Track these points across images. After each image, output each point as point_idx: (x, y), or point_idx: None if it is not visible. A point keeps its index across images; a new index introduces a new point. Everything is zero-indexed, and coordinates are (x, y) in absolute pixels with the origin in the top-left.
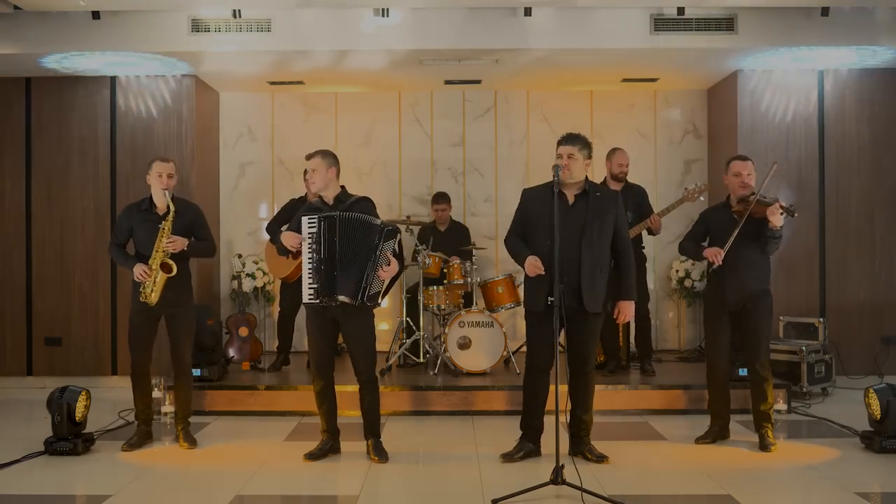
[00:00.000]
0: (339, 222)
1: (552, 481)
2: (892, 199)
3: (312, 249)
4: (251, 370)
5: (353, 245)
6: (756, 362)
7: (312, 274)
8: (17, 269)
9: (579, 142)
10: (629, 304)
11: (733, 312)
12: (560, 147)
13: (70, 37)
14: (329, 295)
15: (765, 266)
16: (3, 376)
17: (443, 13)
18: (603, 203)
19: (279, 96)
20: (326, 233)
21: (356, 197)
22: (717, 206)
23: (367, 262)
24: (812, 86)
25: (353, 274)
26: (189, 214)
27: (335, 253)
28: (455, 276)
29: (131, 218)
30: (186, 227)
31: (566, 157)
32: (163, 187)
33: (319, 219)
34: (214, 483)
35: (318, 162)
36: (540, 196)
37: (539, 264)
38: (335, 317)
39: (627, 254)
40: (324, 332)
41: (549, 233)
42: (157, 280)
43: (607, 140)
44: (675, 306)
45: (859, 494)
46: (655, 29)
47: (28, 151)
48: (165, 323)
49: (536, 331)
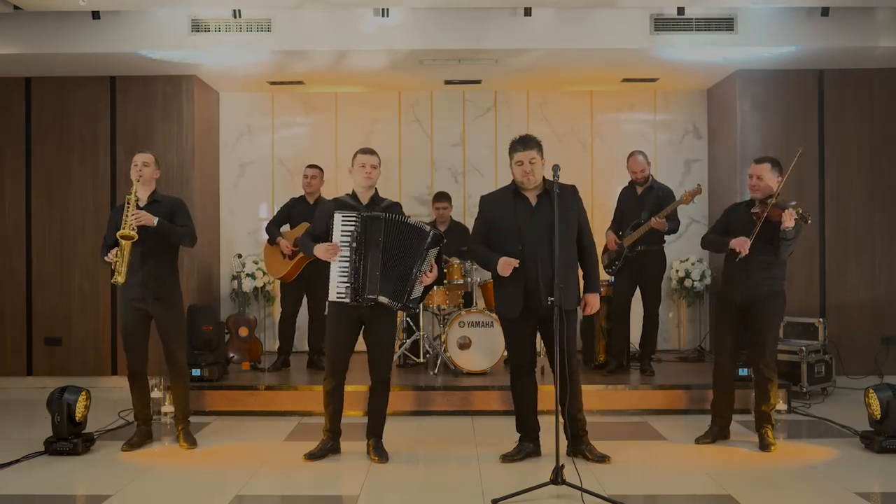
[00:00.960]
0: (385, 224)
1: (552, 481)
2: (892, 198)
3: (351, 248)
4: (251, 370)
5: (400, 248)
6: (761, 362)
7: (348, 272)
8: (17, 269)
9: (536, 144)
10: (594, 296)
11: (742, 311)
12: (521, 153)
13: (70, 37)
14: (369, 295)
15: (779, 268)
16: (3, 376)
17: (443, 13)
18: (564, 200)
19: (279, 96)
20: (370, 232)
21: (389, 201)
22: (740, 205)
23: (412, 267)
24: (812, 86)
25: (396, 276)
26: (168, 204)
27: (379, 253)
28: (455, 276)
29: (116, 216)
30: (166, 215)
31: (528, 163)
32: (136, 176)
33: (362, 217)
34: (214, 483)
35: (376, 160)
36: (500, 201)
37: (512, 260)
38: (361, 317)
39: (591, 248)
40: (347, 331)
41: (517, 236)
42: (122, 254)
43: (607, 140)
44: (675, 306)
45: (859, 494)
46: (655, 29)
47: (28, 151)
48: (156, 325)
49: (514, 335)
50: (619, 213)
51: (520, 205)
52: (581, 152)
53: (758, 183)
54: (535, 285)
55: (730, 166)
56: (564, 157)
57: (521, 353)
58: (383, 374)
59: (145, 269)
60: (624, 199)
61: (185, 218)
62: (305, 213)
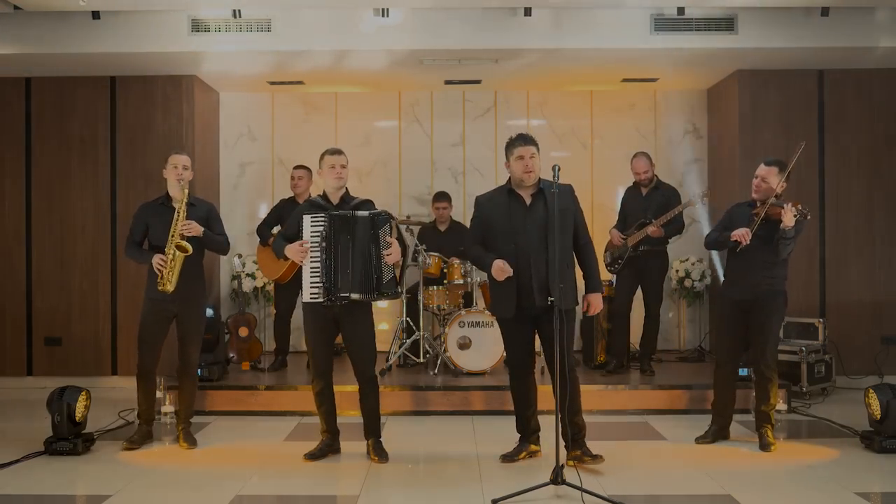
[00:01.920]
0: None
1: (552, 481)
2: (892, 199)
3: (321, 248)
4: (251, 370)
5: (357, 241)
6: (761, 362)
7: (320, 272)
8: (17, 269)
9: (535, 142)
10: (596, 296)
11: (743, 311)
12: (521, 147)
13: (70, 37)
14: (342, 293)
15: (780, 268)
16: (3, 376)
17: (443, 13)
18: (560, 198)
19: (279, 96)
20: (337, 231)
21: (359, 199)
22: (742, 205)
23: (370, 254)
24: (812, 86)
25: (360, 269)
26: (204, 208)
27: (348, 251)
28: (455, 276)
29: (147, 213)
30: (202, 220)
31: (529, 158)
32: (177, 177)
33: (330, 217)
34: (214, 483)
35: (345, 159)
36: (495, 200)
37: (507, 267)
38: (336, 317)
39: (589, 247)
40: (324, 332)
41: (511, 236)
42: (175, 264)
43: (607, 140)
44: (675, 306)
45: (859, 494)
46: (655, 29)
47: (28, 151)
48: (176, 323)
49: (511, 335)
50: (623, 213)
51: (514, 204)
52: (581, 152)
53: (761, 184)
54: (529, 285)
55: (730, 166)
56: (564, 157)
57: (518, 352)
58: (369, 373)
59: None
60: (628, 199)
61: (220, 225)
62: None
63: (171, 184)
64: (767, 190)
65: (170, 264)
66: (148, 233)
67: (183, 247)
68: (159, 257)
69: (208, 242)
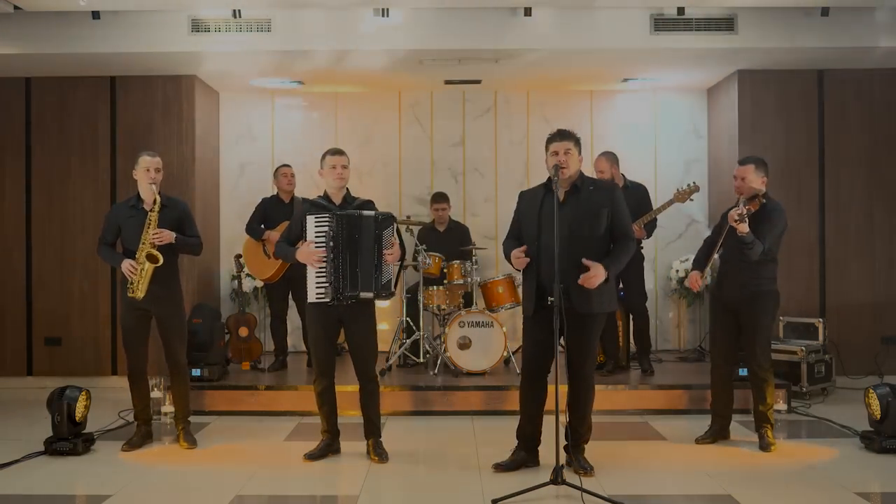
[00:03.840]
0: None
1: (552, 481)
2: (892, 199)
3: (328, 248)
4: (251, 370)
5: (361, 241)
6: (753, 363)
7: (326, 272)
8: (17, 269)
9: (573, 138)
10: (599, 268)
11: (732, 311)
12: (555, 144)
13: (70, 37)
14: (350, 293)
15: (767, 268)
16: (3, 376)
17: (443, 13)
18: (596, 197)
19: (279, 96)
20: (343, 231)
21: (361, 200)
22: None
23: (374, 253)
24: (812, 86)
25: (367, 268)
26: (177, 210)
27: (355, 250)
28: (455, 276)
29: (119, 215)
30: (174, 221)
31: (563, 153)
32: (149, 181)
33: (336, 217)
34: (214, 483)
35: (346, 160)
36: (530, 196)
37: (520, 253)
38: (340, 316)
39: (625, 239)
40: (327, 332)
41: (534, 231)
42: (145, 272)
43: (607, 140)
44: (675, 306)
45: (859, 494)
46: (655, 29)
47: (28, 151)
48: (157, 324)
49: (528, 335)
50: None
51: (547, 200)
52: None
53: (742, 184)
54: (549, 283)
55: (730, 166)
56: None
57: (531, 355)
58: (370, 372)
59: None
60: None
61: (193, 227)
62: (286, 213)
63: (142, 187)
64: (749, 189)
65: (139, 273)
66: (121, 234)
67: (154, 256)
68: (129, 263)
69: (181, 247)
